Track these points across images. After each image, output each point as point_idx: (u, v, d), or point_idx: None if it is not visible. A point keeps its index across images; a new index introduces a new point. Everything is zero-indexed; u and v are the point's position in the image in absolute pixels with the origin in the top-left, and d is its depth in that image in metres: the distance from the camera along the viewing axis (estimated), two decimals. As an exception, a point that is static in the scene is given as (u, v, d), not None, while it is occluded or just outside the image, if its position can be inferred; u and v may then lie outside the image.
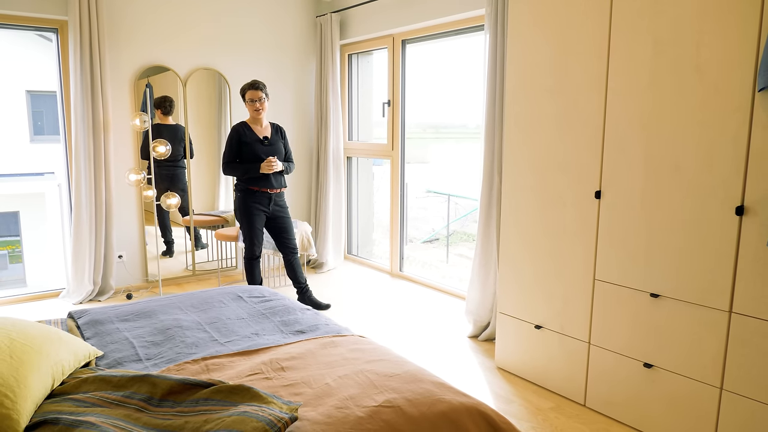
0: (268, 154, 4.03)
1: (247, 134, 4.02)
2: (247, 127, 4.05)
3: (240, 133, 4.02)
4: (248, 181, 4.01)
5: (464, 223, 8.49)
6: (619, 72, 2.46)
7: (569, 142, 2.71)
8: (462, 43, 5.29)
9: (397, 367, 2.08)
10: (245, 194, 4.05)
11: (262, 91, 4.01)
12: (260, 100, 4.00)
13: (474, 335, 3.70)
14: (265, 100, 4.03)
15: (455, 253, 7.87)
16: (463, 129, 9.15)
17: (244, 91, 4.04)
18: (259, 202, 4.07)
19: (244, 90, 4.04)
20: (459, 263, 7.53)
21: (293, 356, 2.15)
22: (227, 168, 4.04)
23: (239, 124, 4.06)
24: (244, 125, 4.06)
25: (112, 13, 4.41)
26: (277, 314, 2.71)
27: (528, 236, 2.96)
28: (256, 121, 4.07)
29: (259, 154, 4.00)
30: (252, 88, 4.00)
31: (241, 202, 4.07)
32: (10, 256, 11.89)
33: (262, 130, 4.09)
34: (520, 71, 2.92)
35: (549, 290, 2.88)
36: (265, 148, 4.03)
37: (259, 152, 4.00)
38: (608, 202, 2.56)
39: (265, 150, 4.03)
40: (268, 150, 4.04)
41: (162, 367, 2.12)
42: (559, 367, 2.87)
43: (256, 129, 4.07)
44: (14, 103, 10.95)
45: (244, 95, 4.04)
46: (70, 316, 2.75)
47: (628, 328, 2.54)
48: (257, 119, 4.06)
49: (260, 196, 4.07)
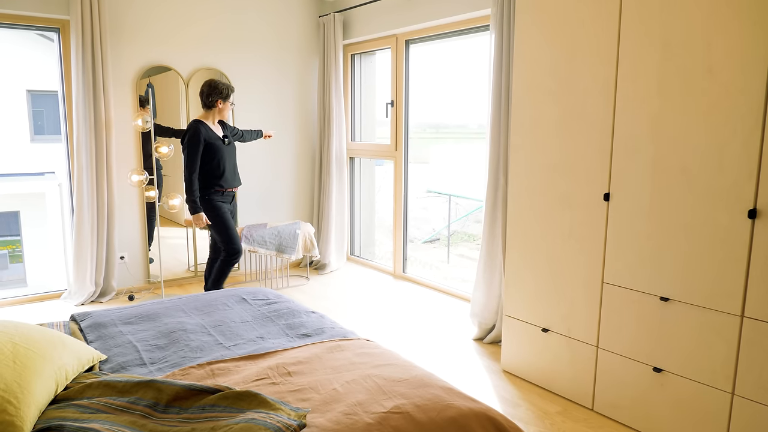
0: (228, 152, 4.05)
1: (210, 134, 3.95)
2: (205, 125, 3.97)
3: (202, 133, 3.91)
4: (213, 183, 3.98)
5: (465, 223, 8.46)
6: (629, 74, 2.44)
7: (577, 144, 2.68)
8: (464, 43, 5.26)
9: (405, 372, 2.05)
10: (212, 195, 4.00)
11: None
12: (233, 105, 4.11)
13: (479, 338, 3.67)
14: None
15: (456, 253, 7.86)
16: (462, 129, 9.12)
17: (229, 93, 4.02)
18: (226, 200, 4.09)
19: (229, 91, 4.02)
20: (460, 263, 7.50)
21: (300, 361, 2.12)
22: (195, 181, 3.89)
23: (197, 123, 3.94)
24: (202, 124, 3.96)
25: (114, 13, 4.38)
26: (282, 317, 2.69)
27: (535, 238, 2.94)
28: (211, 119, 4.02)
29: (223, 154, 3.99)
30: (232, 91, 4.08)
31: (211, 203, 4.00)
32: (11, 256, 11.87)
33: (217, 128, 4.07)
34: (526, 73, 2.90)
35: (556, 293, 2.85)
36: (225, 147, 4.02)
37: (223, 151, 3.99)
38: (617, 205, 2.53)
39: (226, 149, 4.03)
40: (227, 149, 4.05)
41: (167, 372, 2.09)
42: (566, 370, 2.84)
43: (213, 128, 4.03)
44: (15, 103, 10.92)
45: (227, 96, 4.01)
46: (72, 319, 2.72)
47: (636, 331, 2.51)
48: (216, 119, 4.05)
49: (227, 196, 4.10)
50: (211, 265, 4.23)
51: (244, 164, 5.15)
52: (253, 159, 5.22)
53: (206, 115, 4.02)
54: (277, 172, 5.40)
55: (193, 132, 3.89)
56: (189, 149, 3.88)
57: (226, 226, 4.04)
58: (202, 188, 3.97)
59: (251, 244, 4.57)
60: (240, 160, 5.11)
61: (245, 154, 5.16)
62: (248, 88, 5.11)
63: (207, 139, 3.91)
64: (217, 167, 3.98)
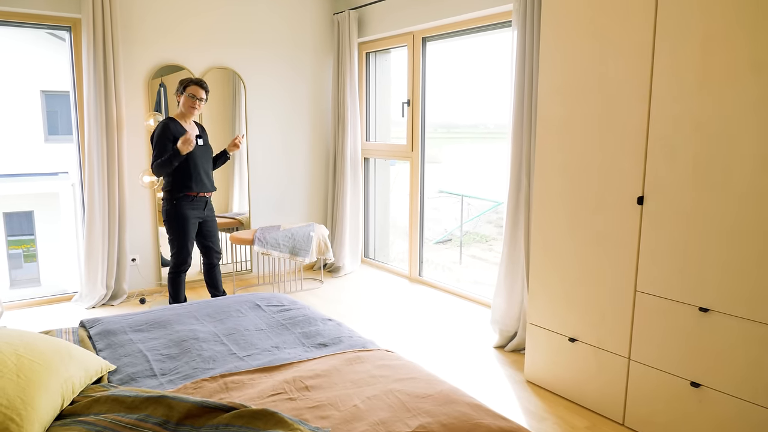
0: (202, 153, 3.81)
1: (180, 131, 3.72)
2: (176, 122, 3.75)
3: (171, 128, 3.69)
4: (184, 186, 3.72)
5: (477, 223, 8.35)
6: (665, 71, 2.30)
7: (609, 144, 2.54)
8: (482, 40, 5.13)
9: (430, 387, 1.93)
10: (181, 201, 3.74)
11: (205, 93, 3.78)
12: (201, 99, 3.76)
13: (500, 345, 3.54)
14: (203, 104, 3.80)
15: (468, 254, 7.76)
16: (474, 129, 8.98)
17: (187, 84, 3.74)
18: (197, 207, 3.82)
19: (186, 83, 3.75)
20: (472, 264, 7.40)
21: (317, 374, 2.01)
22: (159, 167, 3.64)
23: (168, 119, 3.74)
24: (173, 120, 3.75)
25: (126, 11, 4.30)
26: (298, 325, 2.58)
27: (561, 243, 2.80)
28: (185, 118, 3.79)
29: (194, 154, 3.74)
30: (197, 84, 3.75)
31: (176, 210, 3.74)
32: (25, 256, 11.91)
33: (191, 128, 3.84)
34: (553, 70, 2.76)
35: (584, 301, 2.72)
36: (198, 147, 3.78)
37: (194, 152, 3.74)
38: (652, 209, 2.40)
39: (199, 149, 3.78)
40: (201, 150, 3.80)
41: (178, 385, 1.99)
42: (595, 383, 2.71)
43: (186, 126, 3.80)
44: (29, 103, 10.95)
45: (185, 87, 3.73)
46: (81, 325, 2.63)
47: (673, 343, 2.37)
48: (188, 116, 3.79)
49: (198, 202, 3.82)
50: (208, 270, 4.05)
51: (256, 164, 5.06)
52: (266, 159, 5.12)
53: (179, 113, 3.80)
54: (290, 172, 5.30)
55: (162, 127, 3.67)
56: (155, 145, 3.67)
57: (183, 239, 3.78)
58: (170, 191, 3.75)
59: (264, 247, 4.47)
60: (252, 161, 5.02)
61: (257, 154, 5.06)
62: (261, 87, 5.01)
63: (175, 135, 3.67)
64: (186, 168, 3.71)
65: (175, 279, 3.87)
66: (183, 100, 3.74)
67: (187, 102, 3.73)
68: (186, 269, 3.88)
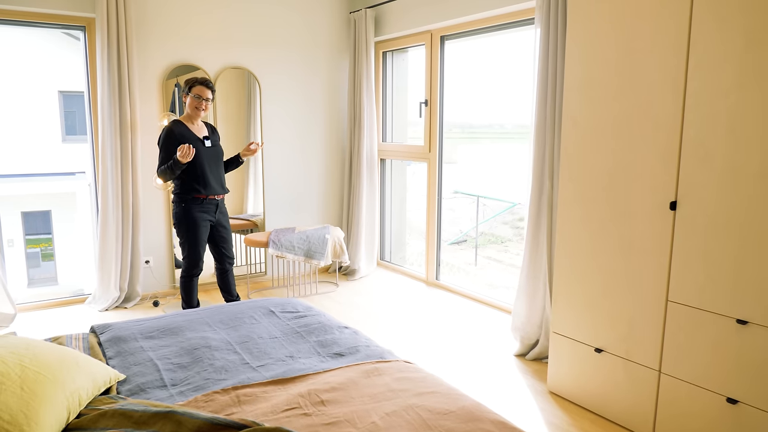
0: (210, 155, 3.68)
1: (185, 134, 3.60)
2: (183, 125, 3.63)
3: (175, 133, 3.57)
4: (192, 189, 3.62)
5: (492, 224, 8.24)
6: (702, 69, 2.17)
7: (639, 146, 2.42)
8: (502, 39, 5.01)
9: (452, 402, 1.83)
10: (191, 203, 3.64)
11: (211, 93, 3.67)
12: (207, 100, 3.64)
13: (521, 353, 3.43)
14: (209, 104, 3.68)
15: (483, 255, 7.65)
16: (490, 129, 8.85)
17: (192, 84, 3.61)
18: (206, 210, 3.71)
19: (192, 83, 3.62)
20: (488, 266, 7.30)
21: (334, 387, 1.91)
22: (161, 174, 3.58)
23: (173, 123, 3.61)
24: (179, 123, 3.63)
25: (141, 10, 4.25)
26: (313, 333, 2.49)
27: (588, 249, 2.68)
28: (191, 119, 3.67)
29: (202, 156, 3.62)
30: (202, 84, 3.62)
31: (186, 213, 3.65)
32: (43, 255, 12.01)
33: (199, 129, 3.72)
34: (580, 68, 2.65)
35: (612, 310, 2.59)
36: (206, 149, 3.67)
37: (202, 154, 3.63)
38: (685, 214, 2.27)
39: (207, 151, 3.67)
40: (210, 151, 3.68)
41: (189, 397, 1.91)
42: (623, 395, 2.59)
43: (193, 128, 3.68)
44: (47, 104, 11.03)
45: (190, 88, 3.61)
46: (92, 331, 2.57)
47: (708, 357, 2.24)
48: (194, 117, 3.67)
49: (208, 205, 3.71)
50: (221, 275, 3.97)
51: (271, 165, 4.99)
52: (281, 160, 5.05)
53: (186, 115, 3.69)
54: (305, 174, 5.22)
55: (166, 132, 3.57)
56: (159, 150, 3.60)
57: (193, 243, 3.70)
58: (179, 193, 3.66)
59: (278, 250, 4.39)
60: (267, 161, 4.95)
61: (272, 155, 4.99)
62: (276, 87, 4.94)
63: (181, 138, 3.55)
64: (193, 170, 3.60)
65: (188, 283, 3.80)
66: (189, 101, 3.64)
67: (193, 103, 3.62)
68: (198, 273, 3.81)
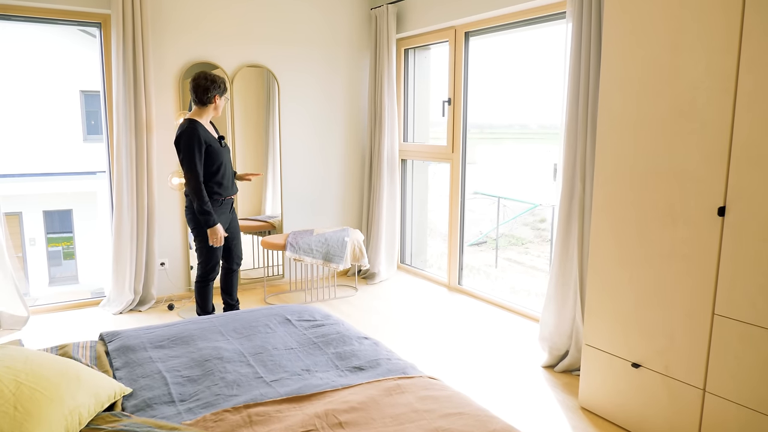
0: (225, 155, 3.56)
1: (207, 137, 3.42)
2: (201, 126, 3.42)
3: (200, 134, 3.37)
4: (213, 192, 3.49)
5: (513, 226, 8.07)
6: (755, 64, 1.99)
7: (683, 147, 2.24)
8: (529, 35, 4.83)
9: (481, 425, 1.68)
10: (212, 206, 3.48)
11: None
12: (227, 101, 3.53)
13: (550, 365, 3.25)
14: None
15: (503, 257, 7.48)
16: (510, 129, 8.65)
17: (227, 87, 3.54)
18: (225, 211, 3.61)
19: (226, 84, 3.53)
20: (508, 268, 7.12)
21: (353, 406, 1.77)
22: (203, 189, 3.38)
23: (195, 123, 3.39)
24: (198, 124, 3.40)
25: (157, 7, 4.16)
26: (331, 344, 2.35)
27: (624, 257, 2.50)
28: (205, 118, 3.50)
29: (222, 158, 3.49)
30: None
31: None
32: (64, 253, 12.09)
33: (211, 129, 3.60)
34: (617, 65, 2.47)
35: (651, 323, 2.41)
36: (223, 150, 3.54)
37: (222, 155, 3.50)
38: (735, 221, 2.09)
39: (224, 152, 3.54)
40: (225, 152, 3.57)
41: (197, 414, 1.78)
42: (662, 414, 2.40)
43: (210, 128, 3.54)
44: (69, 103, 11.10)
45: (224, 90, 3.50)
46: (101, 338, 2.46)
47: (758, 375, 2.05)
48: (210, 118, 3.55)
49: (226, 205, 3.61)
50: (225, 275, 3.84)
51: (289, 166, 4.87)
52: (299, 160, 4.93)
53: (199, 113, 3.46)
54: (324, 174, 5.09)
55: (190, 133, 3.33)
56: (187, 153, 3.34)
57: (210, 248, 3.58)
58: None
59: (296, 252, 4.26)
60: (285, 162, 4.84)
61: (290, 155, 4.87)
62: (295, 85, 4.81)
63: (206, 140, 3.39)
64: (217, 173, 3.48)
65: (203, 288, 3.68)
66: (221, 102, 3.52)
67: (222, 104, 3.54)
68: (215, 278, 3.70)
